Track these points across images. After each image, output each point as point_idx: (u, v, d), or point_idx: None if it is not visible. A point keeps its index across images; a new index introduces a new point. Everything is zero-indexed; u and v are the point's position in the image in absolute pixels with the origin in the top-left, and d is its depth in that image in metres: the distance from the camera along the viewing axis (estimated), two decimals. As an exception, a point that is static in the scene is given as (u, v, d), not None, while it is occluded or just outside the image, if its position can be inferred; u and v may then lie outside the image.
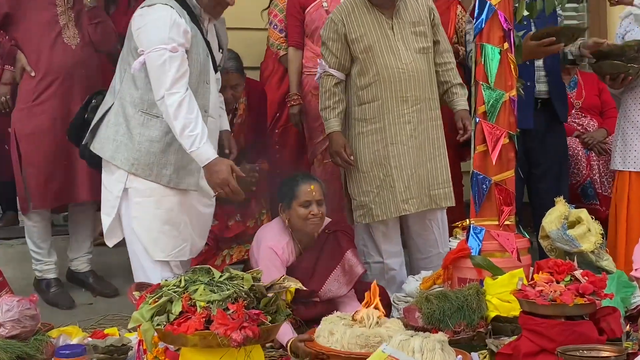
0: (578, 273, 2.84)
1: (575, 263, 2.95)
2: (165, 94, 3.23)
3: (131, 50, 3.44)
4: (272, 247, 3.69)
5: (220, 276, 2.50)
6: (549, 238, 3.79)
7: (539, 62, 4.35)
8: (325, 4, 4.58)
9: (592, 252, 3.68)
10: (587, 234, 3.71)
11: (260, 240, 3.78)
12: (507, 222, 3.52)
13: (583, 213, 3.79)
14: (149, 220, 3.48)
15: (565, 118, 4.63)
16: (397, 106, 4.01)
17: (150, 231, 3.48)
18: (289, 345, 3.20)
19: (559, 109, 4.46)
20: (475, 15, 3.47)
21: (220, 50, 3.73)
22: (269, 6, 4.92)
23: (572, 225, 3.77)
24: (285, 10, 4.73)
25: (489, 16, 3.42)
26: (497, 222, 3.51)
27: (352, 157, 4.04)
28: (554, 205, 3.85)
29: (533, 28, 4.24)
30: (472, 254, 3.45)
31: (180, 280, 2.51)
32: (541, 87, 4.39)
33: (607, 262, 3.70)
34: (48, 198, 4.17)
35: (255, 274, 2.52)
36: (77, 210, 4.34)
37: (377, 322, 2.91)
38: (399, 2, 4.05)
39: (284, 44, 4.75)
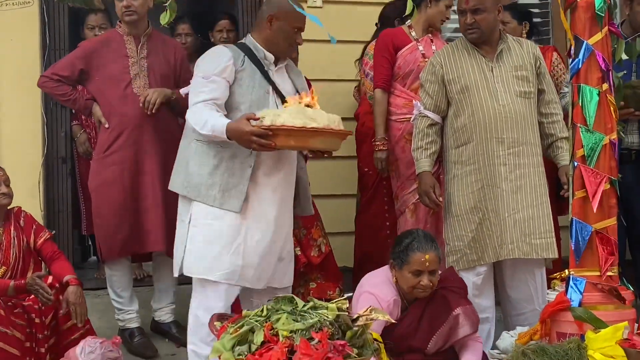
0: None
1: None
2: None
3: None
4: (375, 295, 3.45)
5: (304, 305, 2.40)
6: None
7: None
8: (420, 47, 4.45)
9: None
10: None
11: (363, 286, 3.58)
12: (609, 273, 3.30)
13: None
14: (201, 242, 3.49)
15: None
16: (492, 147, 3.87)
17: (200, 251, 3.49)
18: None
19: None
20: (572, 55, 3.34)
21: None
22: (362, 56, 4.84)
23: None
24: (374, 48, 4.58)
25: (587, 56, 3.29)
26: (599, 273, 3.29)
27: (441, 199, 3.93)
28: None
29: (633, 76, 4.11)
30: (572, 307, 3.24)
31: (262, 310, 2.41)
32: (634, 139, 4.24)
33: None
34: (115, 248, 4.16)
35: (340, 304, 2.40)
36: (160, 260, 4.31)
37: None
38: (502, 46, 3.98)
39: None
